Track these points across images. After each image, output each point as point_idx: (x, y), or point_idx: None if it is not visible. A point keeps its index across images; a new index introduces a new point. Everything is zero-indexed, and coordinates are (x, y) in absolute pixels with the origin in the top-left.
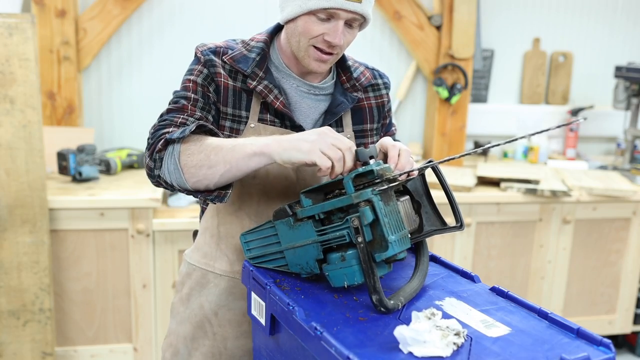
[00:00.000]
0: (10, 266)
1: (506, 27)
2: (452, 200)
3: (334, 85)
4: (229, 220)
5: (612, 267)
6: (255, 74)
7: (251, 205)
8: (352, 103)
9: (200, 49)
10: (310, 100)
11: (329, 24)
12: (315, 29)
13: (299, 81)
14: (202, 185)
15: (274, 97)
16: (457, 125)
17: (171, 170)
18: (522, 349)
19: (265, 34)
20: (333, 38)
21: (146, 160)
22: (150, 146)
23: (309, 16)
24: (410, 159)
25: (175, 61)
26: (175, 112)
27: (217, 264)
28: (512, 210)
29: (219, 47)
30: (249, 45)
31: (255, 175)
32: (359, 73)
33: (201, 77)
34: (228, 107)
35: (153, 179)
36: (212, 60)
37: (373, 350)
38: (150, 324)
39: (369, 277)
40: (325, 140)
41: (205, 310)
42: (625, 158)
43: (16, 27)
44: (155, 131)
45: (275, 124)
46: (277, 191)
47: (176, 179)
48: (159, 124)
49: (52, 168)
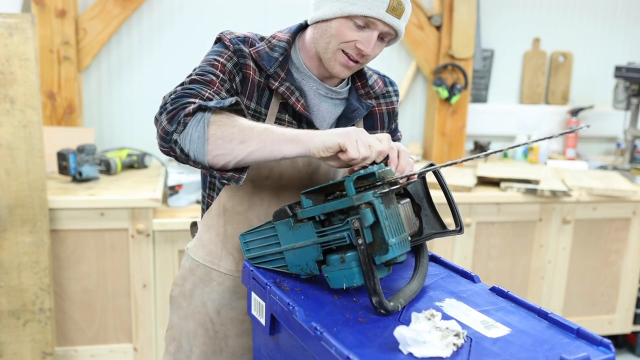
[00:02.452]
0: (11, 266)
1: (506, 27)
2: (452, 203)
3: (348, 90)
4: (236, 220)
5: (612, 267)
6: (277, 74)
7: (261, 206)
8: (366, 110)
9: (228, 36)
10: (328, 104)
11: (364, 33)
12: (349, 35)
13: (319, 84)
14: (221, 160)
15: (295, 99)
16: (457, 125)
17: (194, 138)
18: (522, 349)
19: (287, 33)
20: (366, 47)
21: (162, 123)
22: (171, 110)
23: (346, 20)
24: (409, 160)
25: (175, 61)
26: (202, 85)
27: (223, 263)
28: (512, 210)
29: (247, 37)
30: (270, 43)
31: (268, 176)
32: (373, 81)
33: (231, 63)
34: (252, 101)
35: (167, 143)
36: (242, 50)
37: (373, 350)
38: (150, 324)
39: (369, 280)
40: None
41: (208, 308)
42: (625, 158)
43: (16, 27)
44: (177, 97)
45: (293, 126)
46: (289, 194)
47: (196, 148)
48: (183, 90)
49: (52, 168)
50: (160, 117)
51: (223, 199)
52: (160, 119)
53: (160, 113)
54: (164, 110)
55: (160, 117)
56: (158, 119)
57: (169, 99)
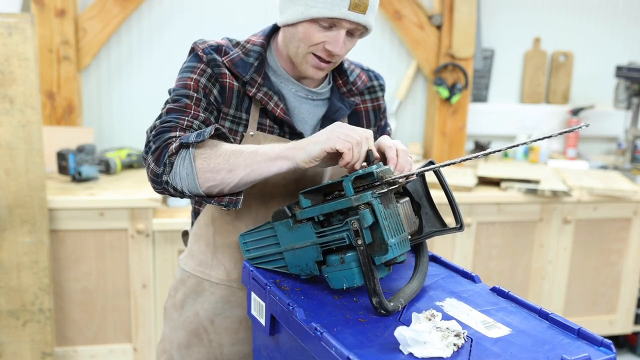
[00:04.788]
0: (10, 266)
1: (507, 26)
2: (452, 201)
3: (330, 90)
4: (225, 230)
5: (612, 267)
6: (254, 81)
7: (249, 216)
8: (350, 108)
9: (200, 46)
10: (309, 106)
11: (331, 33)
12: (317, 37)
13: (297, 86)
14: (216, 190)
15: (274, 104)
16: (458, 125)
17: (183, 175)
18: (522, 349)
19: (261, 36)
20: (334, 47)
21: (150, 165)
22: (156, 150)
23: (311, 23)
24: (408, 159)
25: (175, 61)
26: (178, 113)
27: (214, 273)
28: (512, 210)
29: (220, 45)
30: (245, 48)
31: (255, 185)
32: (355, 76)
33: (205, 77)
34: (230, 108)
35: (159, 185)
36: (216, 59)
37: (373, 350)
38: (150, 324)
39: (368, 280)
40: (340, 130)
41: (201, 318)
42: (626, 158)
43: (16, 27)
44: (158, 134)
45: (274, 131)
46: (276, 202)
47: (188, 184)
48: (162, 126)
49: (51, 168)
50: (147, 158)
51: (211, 208)
52: (147, 159)
53: (146, 152)
54: (149, 150)
55: (147, 157)
56: (145, 159)
57: (151, 136)
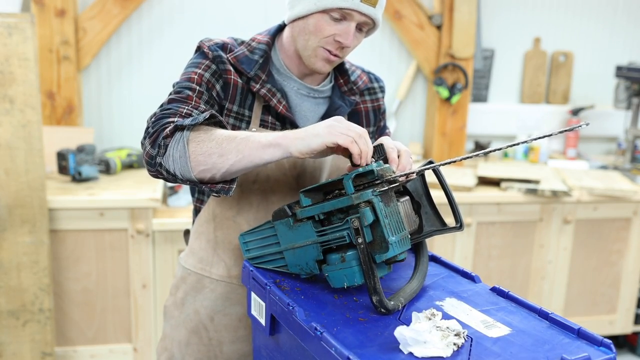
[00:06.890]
0: (10, 266)
1: (507, 26)
2: (452, 200)
3: (331, 88)
4: (226, 226)
5: (612, 267)
6: (258, 77)
7: (250, 211)
8: (350, 107)
9: (206, 43)
10: (310, 104)
11: (341, 25)
12: (328, 29)
13: (300, 84)
14: (208, 175)
15: (277, 100)
16: (458, 125)
17: (176, 157)
18: (522, 349)
19: (267, 35)
20: (345, 39)
21: (146, 147)
22: (152, 134)
23: (322, 15)
24: (410, 160)
25: (175, 61)
26: (179, 103)
27: (214, 269)
28: (512, 210)
29: (226, 43)
30: (250, 46)
31: (256, 180)
32: (356, 76)
33: (209, 73)
34: (234, 104)
35: (153, 167)
36: (221, 56)
37: (373, 350)
38: (150, 324)
39: (369, 278)
40: (340, 125)
41: (201, 315)
42: (626, 158)
43: (16, 27)
44: (157, 120)
45: (277, 127)
46: (277, 198)
47: (180, 167)
48: (162, 112)
49: (51, 168)
50: (144, 142)
51: (212, 204)
52: (144, 143)
53: (144, 137)
54: (147, 135)
55: (144, 141)
56: (143, 144)
57: (150, 123)
